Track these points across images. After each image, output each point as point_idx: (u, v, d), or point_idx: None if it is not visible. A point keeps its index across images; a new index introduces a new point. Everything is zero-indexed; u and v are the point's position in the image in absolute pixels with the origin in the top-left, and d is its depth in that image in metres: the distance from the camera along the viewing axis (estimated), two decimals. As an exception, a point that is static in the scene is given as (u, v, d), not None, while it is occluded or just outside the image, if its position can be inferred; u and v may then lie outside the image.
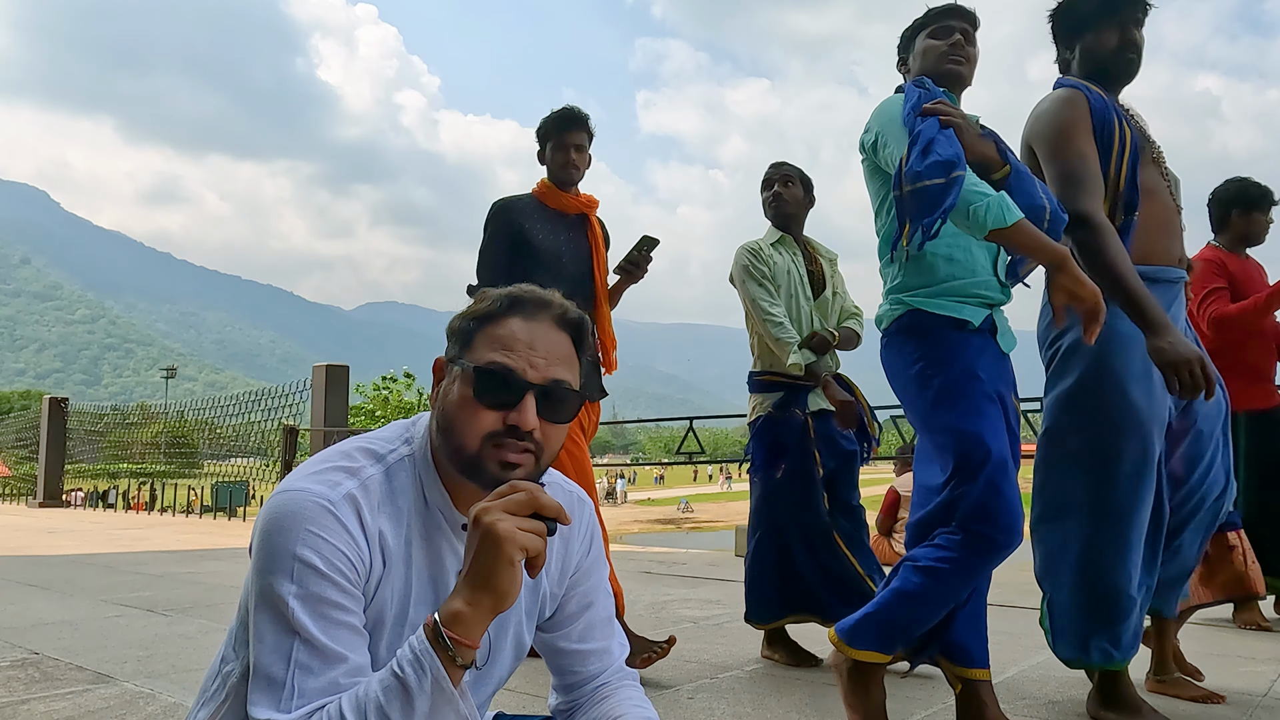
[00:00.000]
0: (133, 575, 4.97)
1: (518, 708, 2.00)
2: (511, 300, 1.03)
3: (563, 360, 1.02)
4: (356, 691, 0.90)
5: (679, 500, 39.44)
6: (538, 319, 1.02)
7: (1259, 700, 2.34)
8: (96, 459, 15.61)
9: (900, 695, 2.38)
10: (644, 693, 1.20)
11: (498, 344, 1.00)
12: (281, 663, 0.91)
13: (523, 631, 1.13)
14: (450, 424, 1.00)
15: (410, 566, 1.02)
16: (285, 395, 11.37)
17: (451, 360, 1.03)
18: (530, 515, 0.91)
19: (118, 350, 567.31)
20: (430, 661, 0.87)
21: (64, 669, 2.68)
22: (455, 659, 0.88)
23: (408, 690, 0.87)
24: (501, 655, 1.11)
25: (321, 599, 0.92)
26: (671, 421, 7.84)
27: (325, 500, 0.95)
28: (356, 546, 0.96)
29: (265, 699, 0.91)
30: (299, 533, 0.93)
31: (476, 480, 1.00)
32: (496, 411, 0.98)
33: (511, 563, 0.88)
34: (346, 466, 1.01)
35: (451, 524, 1.05)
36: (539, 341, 1.01)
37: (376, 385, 38.04)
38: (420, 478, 1.04)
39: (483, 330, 1.02)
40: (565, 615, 1.17)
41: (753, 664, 2.80)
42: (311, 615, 0.92)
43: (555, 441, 1.03)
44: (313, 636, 0.91)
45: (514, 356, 0.99)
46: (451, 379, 1.02)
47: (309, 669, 0.91)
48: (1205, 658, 2.90)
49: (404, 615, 1.02)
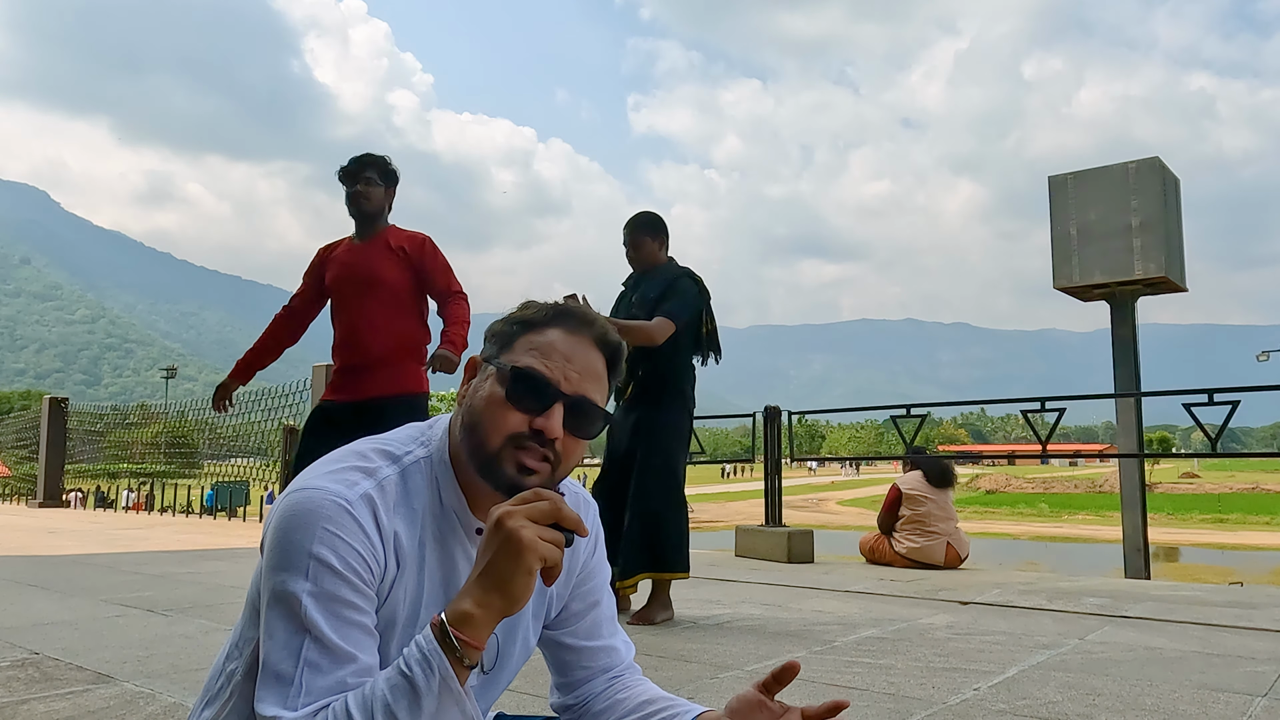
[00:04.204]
0: (133, 575, 4.97)
1: (517, 708, 2.00)
2: (558, 312, 1.05)
3: (596, 378, 1.04)
4: (364, 690, 0.90)
5: (679, 500, 39.36)
6: (579, 334, 1.04)
7: (1259, 700, 2.35)
8: (96, 459, 15.59)
9: (900, 695, 2.38)
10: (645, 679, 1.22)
11: (537, 350, 1.02)
12: (291, 660, 0.91)
13: (529, 634, 1.13)
14: (477, 420, 1.01)
15: (423, 569, 1.02)
16: (285, 395, 11.36)
17: (488, 359, 1.04)
18: (550, 525, 0.91)
19: (118, 350, 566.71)
20: (438, 661, 0.87)
21: (64, 669, 2.68)
22: (462, 659, 0.88)
23: (415, 689, 0.87)
24: (510, 659, 1.11)
25: (335, 598, 0.92)
26: (671, 421, 7.81)
27: (343, 499, 0.95)
28: (372, 547, 0.95)
29: (272, 696, 0.91)
30: (316, 531, 0.93)
31: (492, 480, 1.00)
32: (524, 414, 0.99)
33: (530, 571, 0.88)
34: (363, 466, 1.01)
35: (466, 528, 1.05)
36: (577, 356, 1.03)
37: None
38: (437, 480, 1.04)
39: (524, 336, 1.04)
40: (571, 614, 1.17)
41: (753, 664, 2.80)
42: (324, 614, 0.92)
43: (574, 456, 1.03)
44: (324, 635, 0.91)
45: (550, 365, 1.01)
46: (485, 377, 1.03)
47: (318, 667, 0.91)
48: (1205, 658, 2.91)
49: (415, 617, 1.02)
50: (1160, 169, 10.61)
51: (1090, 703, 2.31)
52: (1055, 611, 3.94)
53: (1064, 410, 6.18)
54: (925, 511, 6.10)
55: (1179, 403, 5.45)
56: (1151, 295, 11.11)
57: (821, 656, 2.91)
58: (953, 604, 4.18)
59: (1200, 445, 6.28)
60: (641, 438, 3.59)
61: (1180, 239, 10.99)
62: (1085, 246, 10.73)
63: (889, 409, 6.83)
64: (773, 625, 3.56)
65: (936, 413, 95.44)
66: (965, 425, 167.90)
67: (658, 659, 2.85)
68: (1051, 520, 38.13)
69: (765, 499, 6.71)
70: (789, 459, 7.00)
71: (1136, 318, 10.82)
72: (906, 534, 6.14)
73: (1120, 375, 10.50)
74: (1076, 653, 2.99)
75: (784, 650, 3.02)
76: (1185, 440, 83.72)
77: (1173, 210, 10.72)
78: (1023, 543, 30.36)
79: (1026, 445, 27.50)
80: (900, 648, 3.06)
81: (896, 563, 6.09)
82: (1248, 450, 76.85)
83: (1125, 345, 10.62)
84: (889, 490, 6.48)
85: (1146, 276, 10.35)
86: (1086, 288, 10.86)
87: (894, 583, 5.02)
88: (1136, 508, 10.06)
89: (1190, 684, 2.53)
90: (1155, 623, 3.62)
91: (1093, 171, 11.02)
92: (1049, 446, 6.37)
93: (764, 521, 6.66)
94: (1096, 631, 3.42)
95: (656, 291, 3.58)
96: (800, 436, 8.18)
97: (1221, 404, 5.25)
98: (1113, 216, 10.57)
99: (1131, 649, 3.06)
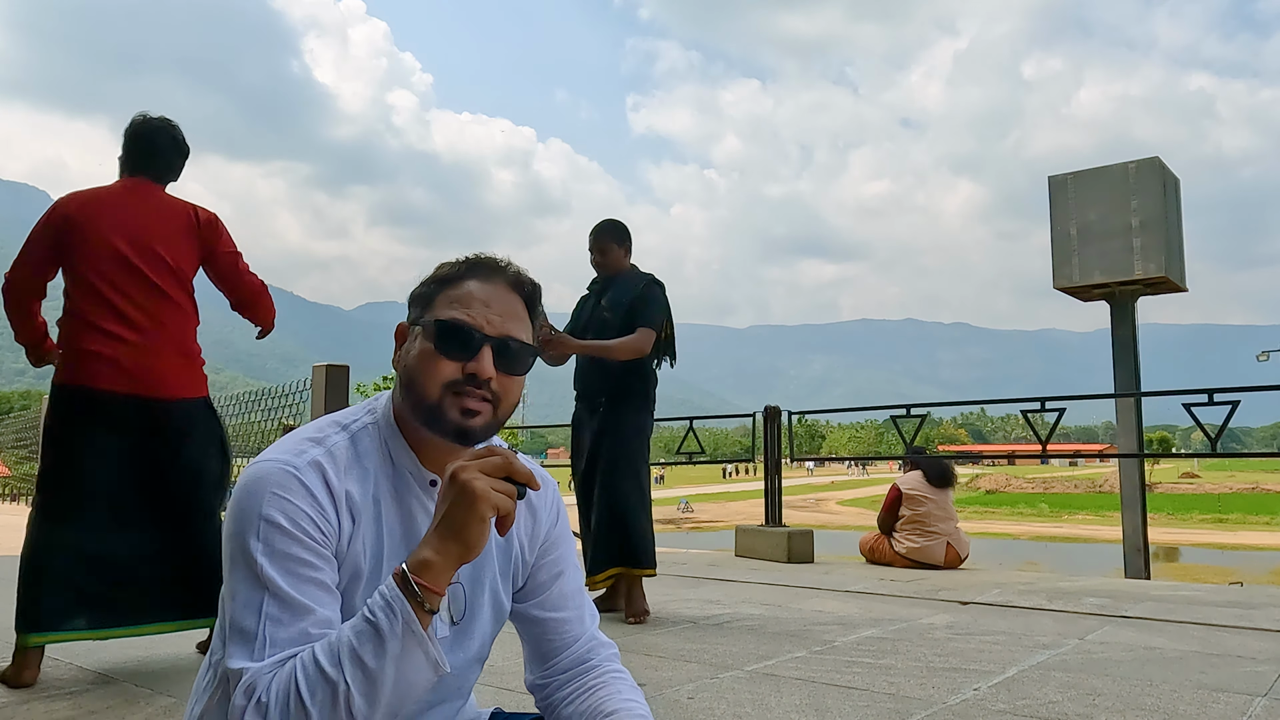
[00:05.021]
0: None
1: (516, 706, 2.00)
2: (470, 265, 1.12)
3: (517, 319, 1.11)
4: (330, 638, 0.95)
5: (679, 500, 39.44)
6: (494, 281, 1.11)
7: (1259, 700, 2.35)
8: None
9: (900, 695, 2.38)
10: (633, 682, 1.22)
11: (457, 303, 1.09)
12: (253, 616, 0.96)
13: (499, 592, 1.17)
14: (413, 377, 1.08)
15: (381, 522, 1.07)
16: (285, 395, 11.36)
17: (414, 322, 1.11)
18: (503, 479, 0.97)
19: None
20: (401, 606, 0.92)
21: (64, 669, 2.68)
22: (423, 604, 0.93)
23: (379, 633, 0.92)
24: (480, 613, 1.15)
25: (288, 555, 0.98)
26: (671, 421, 7.83)
27: (290, 466, 1.02)
28: (321, 509, 1.01)
29: (239, 650, 0.96)
30: (265, 496, 1.00)
31: (438, 429, 1.06)
32: (455, 362, 1.06)
33: (483, 519, 0.94)
34: (314, 437, 1.07)
35: (420, 483, 1.11)
36: (495, 301, 1.10)
37: (377, 385, 38.05)
38: (386, 442, 1.11)
39: (442, 292, 1.10)
40: (538, 584, 1.22)
41: (753, 664, 2.80)
42: (279, 570, 0.97)
43: (512, 393, 1.10)
44: (281, 590, 0.96)
45: (472, 313, 1.08)
46: (413, 339, 1.10)
47: (279, 620, 0.96)
48: (1205, 658, 2.91)
49: (378, 569, 1.07)
50: (1160, 169, 10.61)
51: (1090, 703, 2.31)
52: (1055, 611, 3.94)
53: (1064, 410, 6.17)
54: (925, 511, 6.10)
55: (1179, 403, 5.44)
56: (1151, 295, 11.11)
57: (821, 656, 2.91)
58: (953, 604, 4.18)
59: (1200, 445, 6.28)
60: (607, 438, 3.69)
61: (1180, 239, 10.98)
62: (1085, 246, 10.73)
63: (889, 409, 6.83)
64: (773, 625, 3.56)
65: (936, 413, 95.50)
66: (965, 425, 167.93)
67: (658, 659, 2.85)
68: (1051, 520, 38.13)
69: (765, 499, 6.71)
70: (789, 459, 6.99)
71: (1136, 318, 10.81)
72: (906, 534, 6.14)
73: (1120, 375, 10.50)
74: (1076, 653, 2.99)
75: (784, 650, 3.02)
76: (1185, 440, 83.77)
77: (1173, 210, 10.72)
78: (1023, 543, 30.37)
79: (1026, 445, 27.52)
80: (900, 648, 3.06)
81: (896, 563, 6.09)
82: (1248, 450, 76.86)
83: (1125, 345, 10.62)
84: (889, 490, 6.48)
85: (1146, 276, 10.34)
86: (1086, 288, 10.85)
87: (894, 583, 5.02)
88: (1136, 508, 10.05)
89: (1190, 684, 2.53)
90: (1155, 623, 3.62)
91: (1093, 171, 11.01)
92: (1049, 446, 6.36)
93: (764, 521, 6.66)
94: (1096, 631, 3.42)
95: (627, 297, 3.71)
96: (800, 436, 8.18)
97: (1221, 404, 5.25)
98: (1113, 216, 10.56)
99: (1131, 649, 3.06)
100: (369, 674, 0.91)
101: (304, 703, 0.91)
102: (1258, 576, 20.07)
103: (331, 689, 0.91)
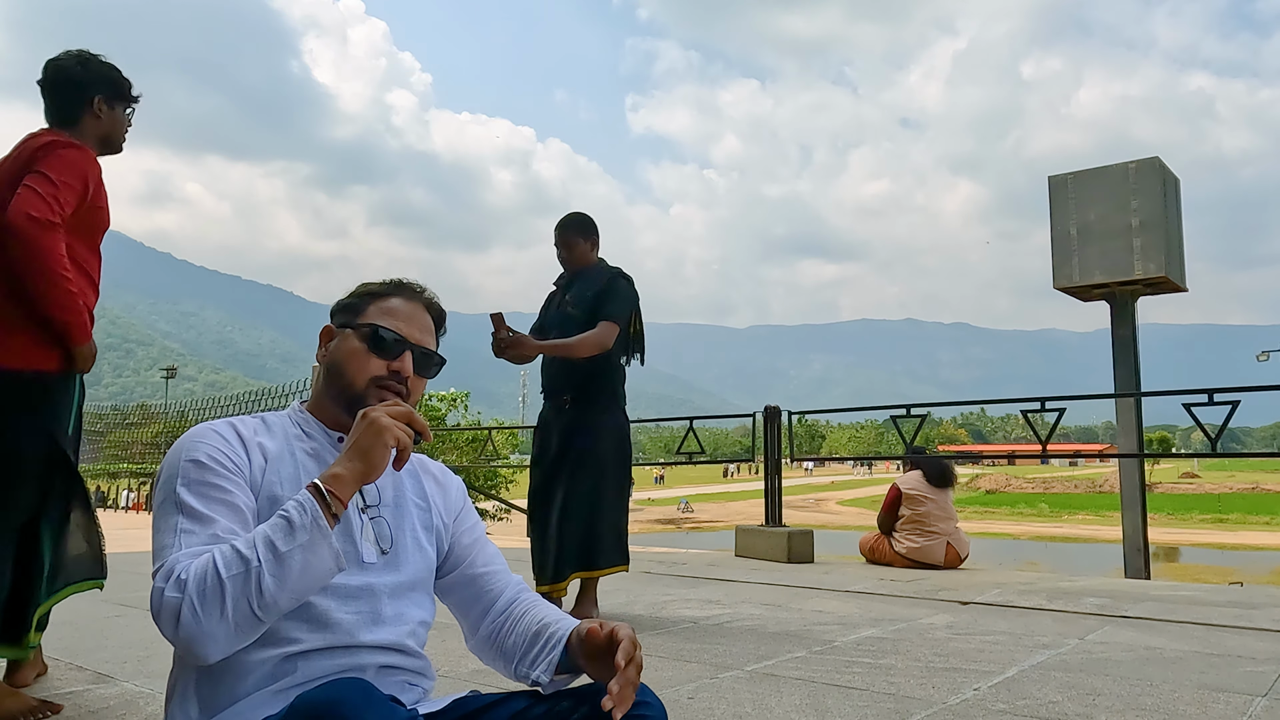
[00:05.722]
0: (132, 575, 4.96)
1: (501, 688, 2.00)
2: (396, 285, 1.38)
3: (430, 333, 1.38)
4: (245, 536, 1.09)
5: (679, 500, 39.42)
6: (415, 301, 1.38)
7: (1259, 700, 2.35)
8: (97, 459, 15.58)
9: (900, 695, 2.38)
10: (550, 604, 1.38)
11: (387, 314, 1.34)
12: (170, 533, 1.12)
13: (422, 540, 1.33)
14: (341, 370, 1.31)
15: (296, 460, 1.26)
16: (285, 395, 11.35)
17: (343, 326, 1.34)
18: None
19: (118, 350, 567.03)
20: (311, 506, 1.09)
21: (64, 669, 2.68)
22: (330, 508, 1.10)
23: (291, 524, 1.07)
24: (405, 548, 1.30)
25: (202, 482, 1.16)
26: (671, 421, 7.84)
27: (206, 426, 1.24)
28: (231, 446, 1.21)
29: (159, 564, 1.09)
30: (184, 446, 1.20)
31: None
32: (383, 360, 1.30)
33: (386, 446, 1.14)
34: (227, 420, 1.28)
35: (330, 441, 1.31)
36: (416, 317, 1.36)
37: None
38: (298, 424, 1.32)
39: (372, 304, 1.35)
40: (464, 546, 1.40)
41: (753, 664, 2.80)
42: (193, 494, 1.15)
43: (418, 392, 1.35)
44: (193, 508, 1.13)
45: (399, 324, 1.33)
46: (343, 339, 1.33)
47: (191, 532, 1.12)
48: (1205, 658, 2.91)
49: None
50: (1160, 169, 10.61)
51: (1090, 703, 2.31)
52: (1055, 611, 3.94)
53: (1064, 410, 6.17)
54: (925, 511, 6.10)
55: (1179, 403, 5.44)
56: (1151, 295, 11.11)
57: (821, 656, 2.91)
58: (953, 604, 4.18)
59: (1200, 445, 6.28)
60: (577, 437, 3.58)
61: (1180, 239, 10.98)
62: (1085, 246, 10.73)
63: (889, 409, 6.82)
64: (773, 625, 3.56)
65: (936, 413, 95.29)
66: (965, 425, 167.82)
67: (658, 659, 2.85)
68: (1051, 520, 38.15)
69: (765, 499, 6.71)
70: (789, 459, 6.99)
71: (1136, 318, 10.81)
72: (906, 534, 6.14)
73: (1120, 375, 10.49)
74: (1076, 653, 2.99)
75: (784, 650, 3.02)
76: (1185, 440, 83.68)
77: (1173, 210, 10.72)
78: (1023, 543, 30.37)
79: (1026, 445, 27.12)
80: (900, 648, 3.06)
81: (896, 563, 6.09)
82: (1248, 450, 76.82)
83: (1125, 345, 10.62)
84: (889, 490, 6.48)
85: (1146, 276, 10.34)
86: (1086, 288, 10.85)
87: (894, 583, 5.02)
88: (1136, 508, 10.05)
89: (1190, 684, 2.53)
90: (1155, 623, 3.62)
91: (1092, 171, 11.01)
92: (1049, 446, 6.36)
93: (764, 521, 6.66)
94: (1096, 631, 3.42)
95: (592, 291, 3.61)
96: (800, 436, 8.18)
97: (1221, 404, 5.24)
98: (1113, 216, 10.56)
99: (1131, 649, 3.06)
100: (279, 556, 1.06)
101: (219, 575, 1.04)
102: (1258, 576, 20.08)
103: (245, 565, 1.05)
